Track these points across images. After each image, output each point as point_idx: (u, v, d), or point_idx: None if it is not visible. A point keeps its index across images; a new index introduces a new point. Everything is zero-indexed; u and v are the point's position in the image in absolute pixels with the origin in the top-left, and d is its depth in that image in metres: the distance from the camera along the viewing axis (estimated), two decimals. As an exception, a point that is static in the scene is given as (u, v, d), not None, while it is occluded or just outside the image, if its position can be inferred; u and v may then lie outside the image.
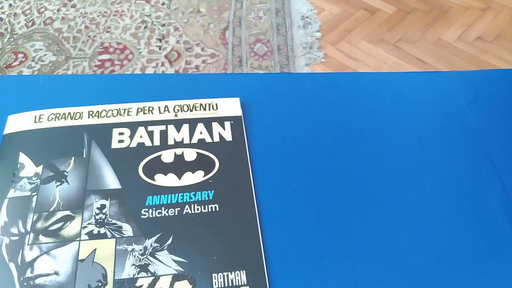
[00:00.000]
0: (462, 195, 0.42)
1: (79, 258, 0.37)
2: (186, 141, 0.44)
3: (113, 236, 0.38)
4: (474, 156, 0.45)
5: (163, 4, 1.61)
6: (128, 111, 0.46)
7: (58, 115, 0.45)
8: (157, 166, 0.42)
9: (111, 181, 0.41)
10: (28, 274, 0.36)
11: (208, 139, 0.45)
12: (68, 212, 0.39)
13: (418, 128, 0.47)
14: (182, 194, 0.41)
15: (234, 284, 0.36)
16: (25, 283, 0.35)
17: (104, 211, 0.39)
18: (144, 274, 0.36)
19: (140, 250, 0.37)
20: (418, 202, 0.42)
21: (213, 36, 1.51)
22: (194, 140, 0.44)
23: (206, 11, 1.60)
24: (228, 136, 0.45)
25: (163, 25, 1.54)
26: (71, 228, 0.38)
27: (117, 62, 1.44)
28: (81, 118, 0.45)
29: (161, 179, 0.41)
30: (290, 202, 0.41)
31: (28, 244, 0.37)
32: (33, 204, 0.39)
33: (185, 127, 0.45)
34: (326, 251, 0.38)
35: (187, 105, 0.47)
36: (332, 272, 0.37)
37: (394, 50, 1.50)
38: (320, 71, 1.42)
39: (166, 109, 0.47)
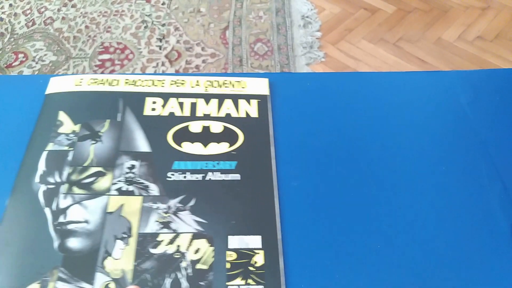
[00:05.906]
0: (462, 195, 0.43)
1: (108, 211, 0.39)
2: (214, 114, 0.47)
3: (140, 194, 0.41)
4: (474, 156, 0.46)
5: (163, 4, 1.62)
6: (162, 83, 0.49)
7: (97, 80, 0.48)
8: (185, 135, 0.45)
9: (142, 145, 0.44)
10: (61, 219, 0.39)
11: (235, 114, 0.47)
12: (100, 169, 0.42)
13: (419, 127, 0.48)
14: (206, 162, 0.43)
15: (248, 247, 0.38)
16: (58, 227, 0.38)
17: (133, 170, 0.42)
18: (166, 230, 0.39)
19: (164, 208, 0.40)
20: (418, 201, 0.42)
21: (214, 36, 1.52)
22: (221, 114, 0.47)
23: (207, 10, 1.61)
24: (254, 113, 0.47)
25: (163, 24, 1.55)
26: (102, 183, 0.41)
27: (117, 62, 1.44)
28: (118, 85, 0.48)
29: (188, 147, 0.44)
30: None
31: (62, 193, 0.40)
32: (69, 158, 0.42)
33: (214, 102, 0.48)
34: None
35: (217, 81, 0.50)
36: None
37: (395, 49, 1.50)
38: (320, 71, 1.41)
39: (197, 83, 0.49)
